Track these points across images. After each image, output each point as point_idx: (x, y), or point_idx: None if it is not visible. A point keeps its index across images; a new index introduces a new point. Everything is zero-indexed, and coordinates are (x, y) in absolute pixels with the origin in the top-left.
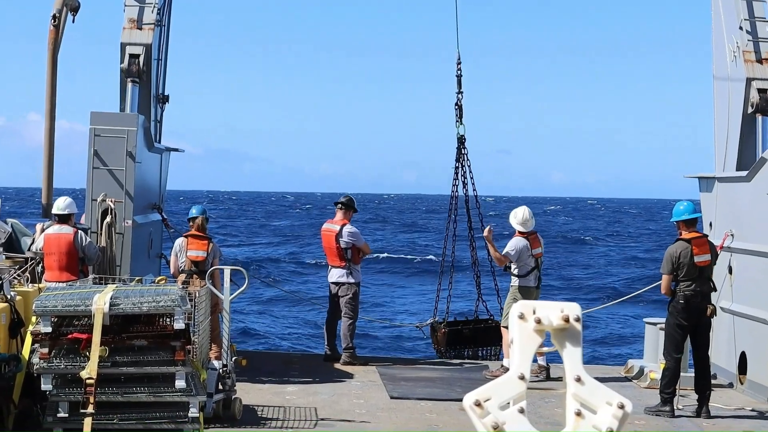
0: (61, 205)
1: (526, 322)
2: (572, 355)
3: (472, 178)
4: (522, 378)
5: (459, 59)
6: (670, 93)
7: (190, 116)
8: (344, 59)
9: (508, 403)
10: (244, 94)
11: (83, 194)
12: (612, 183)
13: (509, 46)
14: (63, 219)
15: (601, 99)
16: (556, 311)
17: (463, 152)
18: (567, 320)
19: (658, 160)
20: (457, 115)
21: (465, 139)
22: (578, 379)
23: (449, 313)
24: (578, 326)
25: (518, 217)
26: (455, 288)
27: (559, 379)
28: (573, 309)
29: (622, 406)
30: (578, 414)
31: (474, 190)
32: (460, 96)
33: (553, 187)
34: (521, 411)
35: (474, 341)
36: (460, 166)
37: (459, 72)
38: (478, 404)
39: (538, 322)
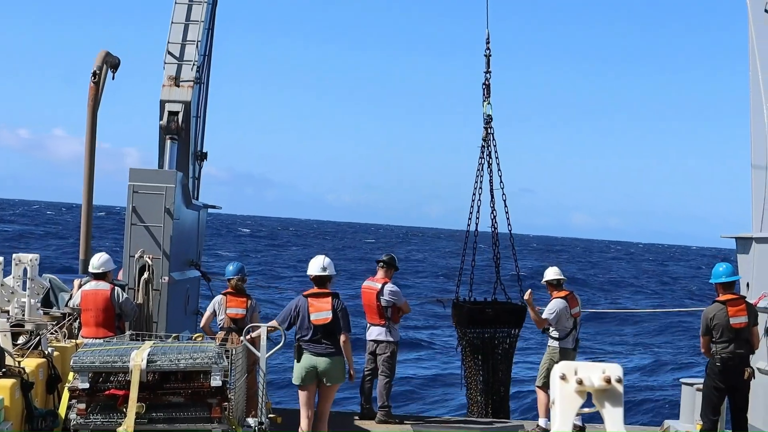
0: (96, 263)
1: (567, 383)
2: (613, 416)
3: (497, 158)
4: None
5: (488, 38)
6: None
7: (216, 138)
8: (376, 92)
9: None
10: (271, 120)
11: (106, 209)
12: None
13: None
14: (99, 276)
15: (631, 149)
16: (597, 372)
17: (489, 132)
18: (608, 381)
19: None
20: (484, 94)
21: (492, 118)
22: None
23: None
24: (619, 387)
25: (551, 270)
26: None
27: None
28: (614, 370)
29: None
30: None
31: (499, 171)
32: (488, 75)
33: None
34: None
35: (496, 322)
36: (486, 146)
37: (488, 52)
38: None
39: (580, 383)
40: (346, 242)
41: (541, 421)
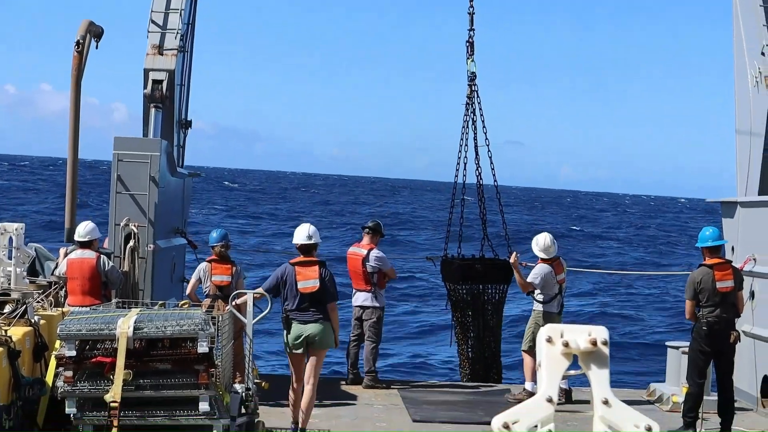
0: (82, 231)
1: (553, 346)
2: (599, 378)
3: (482, 115)
4: (550, 401)
5: None
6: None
7: (201, 93)
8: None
9: (536, 425)
10: (259, 74)
11: (96, 164)
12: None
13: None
14: (85, 244)
15: (618, 107)
16: (583, 335)
17: (473, 89)
18: (594, 343)
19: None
20: (468, 52)
21: (476, 75)
22: (606, 402)
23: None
24: (605, 349)
25: (540, 244)
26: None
27: (581, 402)
28: (600, 333)
29: (649, 429)
30: None
31: (484, 128)
32: (471, 33)
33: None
34: None
35: (485, 278)
36: (470, 103)
37: (471, 9)
38: (506, 427)
39: (566, 345)
40: (334, 196)
41: (528, 385)
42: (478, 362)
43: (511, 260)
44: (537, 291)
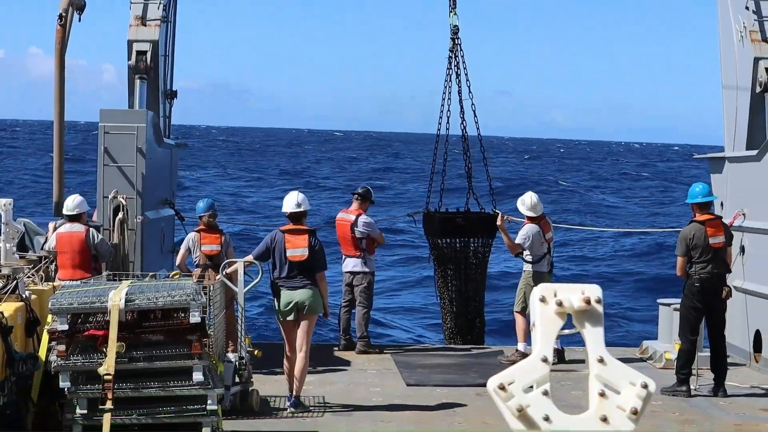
0: (70, 205)
1: (547, 305)
2: (594, 337)
3: (465, 69)
4: (545, 360)
5: None
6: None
7: (188, 48)
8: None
9: (532, 386)
10: (244, 26)
11: (87, 128)
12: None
13: None
14: (73, 218)
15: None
16: (577, 293)
17: (456, 42)
18: (588, 302)
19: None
20: (451, 5)
21: (458, 29)
22: (601, 360)
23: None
24: (599, 308)
25: (526, 203)
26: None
27: (574, 361)
28: (594, 291)
29: (645, 386)
30: (602, 395)
31: (468, 81)
32: None
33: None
34: (545, 393)
35: (467, 232)
36: (453, 56)
37: None
38: (502, 387)
39: (560, 304)
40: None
41: (520, 346)
42: (460, 316)
43: (498, 222)
44: (526, 252)
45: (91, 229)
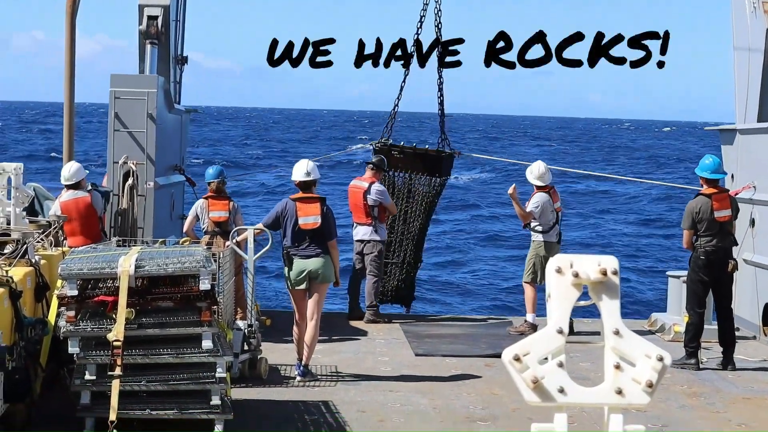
0: (67, 174)
1: (563, 276)
2: (610, 309)
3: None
4: (561, 332)
5: None
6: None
7: (230, 32)
8: None
9: (547, 357)
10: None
11: (93, 109)
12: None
13: None
14: (73, 186)
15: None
16: (593, 265)
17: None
18: (605, 273)
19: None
20: None
21: None
22: (617, 332)
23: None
24: (616, 279)
25: (534, 172)
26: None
27: (583, 333)
28: (610, 262)
29: (661, 359)
30: (617, 367)
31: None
32: None
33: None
34: (560, 365)
35: (405, 167)
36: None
37: None
38: (517, 359)
39: (576, 275)
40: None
41: (529, 317)
42: (396, 266)
43: (510, 191)
44: (535, 222)
45: (93, 192)
